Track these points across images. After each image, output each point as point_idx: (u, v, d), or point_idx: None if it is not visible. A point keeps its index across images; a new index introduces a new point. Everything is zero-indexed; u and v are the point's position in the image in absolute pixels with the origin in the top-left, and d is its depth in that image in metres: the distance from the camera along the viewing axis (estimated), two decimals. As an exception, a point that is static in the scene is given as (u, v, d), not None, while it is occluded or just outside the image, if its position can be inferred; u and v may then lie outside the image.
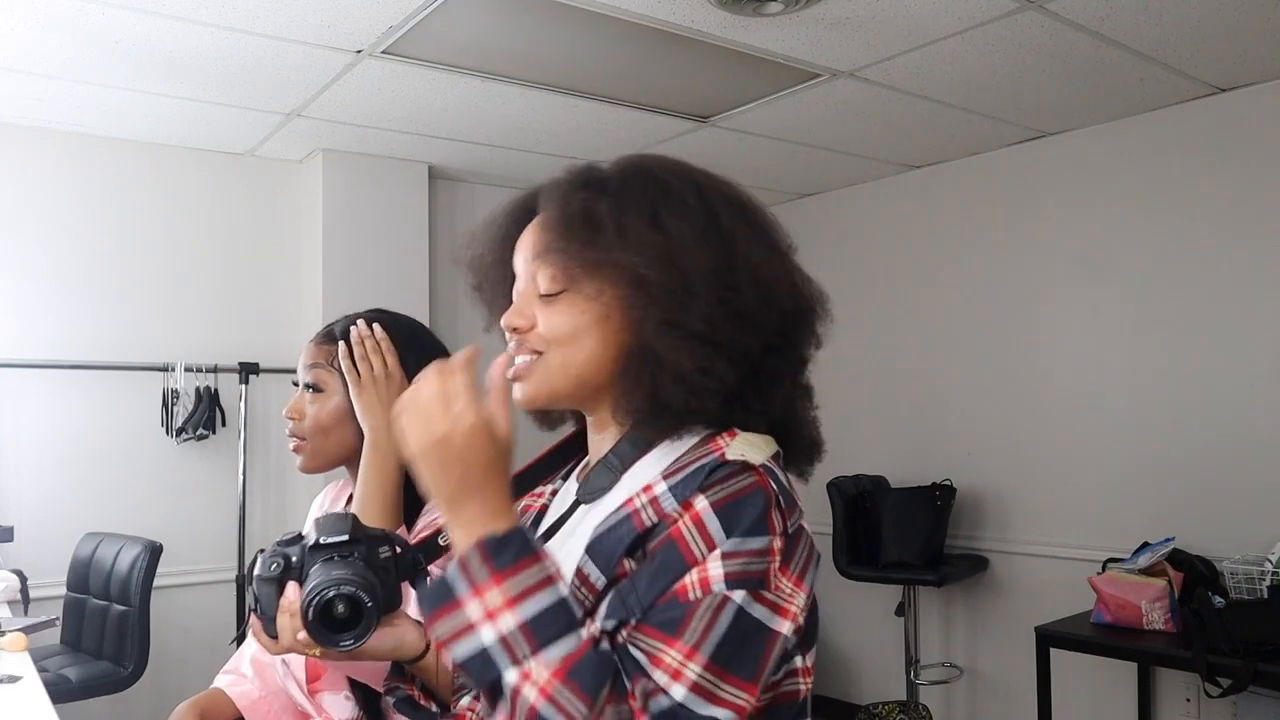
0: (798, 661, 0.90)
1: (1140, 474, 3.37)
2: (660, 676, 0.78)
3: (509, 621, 0.77)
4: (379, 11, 2.51)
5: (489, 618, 0.77)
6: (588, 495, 0.97)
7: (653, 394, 0.89)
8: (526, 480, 1.08)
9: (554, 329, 0.92)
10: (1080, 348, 3.56)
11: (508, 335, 0.96)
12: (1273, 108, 3.09)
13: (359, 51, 2.77)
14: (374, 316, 1.49)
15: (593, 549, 0.87)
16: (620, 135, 3.55)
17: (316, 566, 0.94)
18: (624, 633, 0.81)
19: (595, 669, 0.77)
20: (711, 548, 0.81)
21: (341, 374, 1.44)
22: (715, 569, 0.80)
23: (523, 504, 1.08)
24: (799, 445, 0.97)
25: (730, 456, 0.86)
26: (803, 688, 0.91)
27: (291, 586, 0.95)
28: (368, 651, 0.95)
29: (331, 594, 0.91)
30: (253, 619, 0.98)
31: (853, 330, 4.34)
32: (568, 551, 0.91)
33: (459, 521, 0.83)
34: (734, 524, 0.82)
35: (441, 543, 1.03)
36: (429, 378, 0.86)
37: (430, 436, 0.83)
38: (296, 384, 1.50)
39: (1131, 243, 3.42)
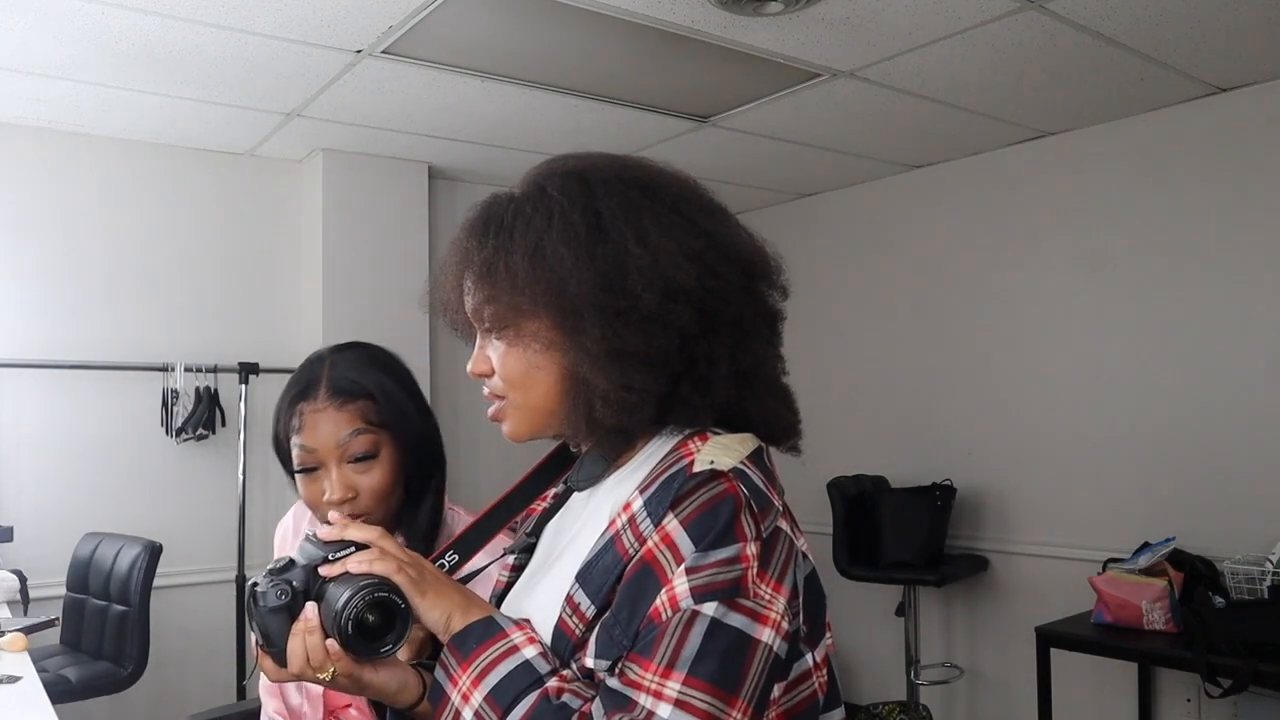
0: (809, 660, 0.89)
1: (1140, 474, 3.37)
2: (644, 699, 0.78)
3: (478, 697, 0.84)
4: (379, 11, 2.51)
5: (465, 699, 0.85)
6: (581, 482, 0.98)
7: (587, 417, 0.90)
8: (524, 493, 1.08)
9: (507, 373, 0.94)
10: (1080, 348, 3.56)
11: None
12: (1273, 108, 3.09)
13: (359, 51, 2.77)
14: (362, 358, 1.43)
15: (583, 576, 0.88)
16: (620, 135, 3.55)
17: (333, 582, 0.91)
18: (618, 665, 0.82)
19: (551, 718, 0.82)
20: (681, 563, 0.81)
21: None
22: (681, 585, 0.80)
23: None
24: (763, 424, 0.94)
25: (698, 466, 0.85)
26: (818, 685, 0.89)
27: (310, 607, 0.91)
28: (377, 685, 0.92)
29: (369, 598, 0.88)
30: (259, 654, 0.93)
31: (853, 330, 4.34)
32: (560, 571, 0.92)
33: (464, 625, 0.89)
34: (701, 536, 0.82)
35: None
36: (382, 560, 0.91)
37: (431, 586, 0.91)
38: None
39: (1131, 243, 3.42)
